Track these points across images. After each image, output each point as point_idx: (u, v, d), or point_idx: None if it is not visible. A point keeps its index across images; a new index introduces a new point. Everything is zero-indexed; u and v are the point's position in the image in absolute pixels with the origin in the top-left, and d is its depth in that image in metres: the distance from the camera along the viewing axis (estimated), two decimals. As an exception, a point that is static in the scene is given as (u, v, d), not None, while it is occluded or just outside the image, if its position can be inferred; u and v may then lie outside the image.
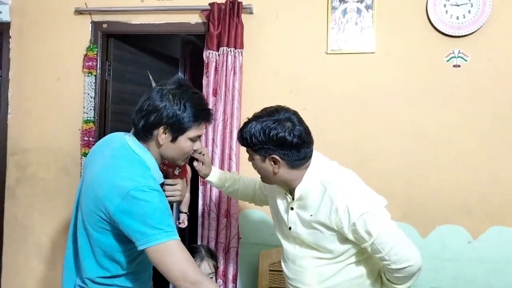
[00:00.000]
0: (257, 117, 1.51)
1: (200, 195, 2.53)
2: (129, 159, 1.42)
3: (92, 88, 2.69)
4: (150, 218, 1.30)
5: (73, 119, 2.72)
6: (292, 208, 1.59)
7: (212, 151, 2.50)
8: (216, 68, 2.52)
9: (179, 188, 1.66)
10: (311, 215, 1.53)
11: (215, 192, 2.51)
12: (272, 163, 1.52)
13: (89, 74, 2.68)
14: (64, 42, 2.76)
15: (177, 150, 1.46)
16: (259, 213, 2.48)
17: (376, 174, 2.32)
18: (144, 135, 1.43)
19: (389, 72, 2.40)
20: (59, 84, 2.76)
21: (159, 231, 1.30)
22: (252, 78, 2.54)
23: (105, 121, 2.75)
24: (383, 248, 1.46)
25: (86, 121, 2.69)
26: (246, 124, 1.52)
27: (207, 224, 2.53)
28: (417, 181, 2.38)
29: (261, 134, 1.47)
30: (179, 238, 1.33)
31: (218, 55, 2.51)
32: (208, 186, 2.52)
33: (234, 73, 2.48)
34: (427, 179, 2.37)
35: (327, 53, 2.45)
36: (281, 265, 1.74)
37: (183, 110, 1.40)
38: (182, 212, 1.86)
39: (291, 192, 1.58)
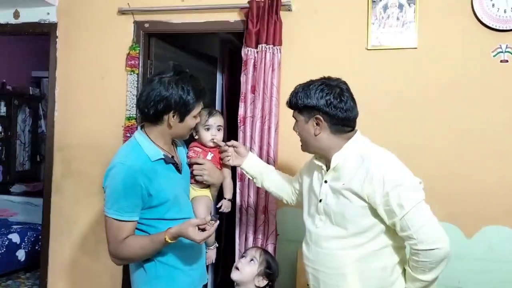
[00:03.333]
0: (308, 81, 1.59)
1: (238, 191, 2.53)
2: (126, 143, 1.65)
3: (135, 86, 2.72)
4: (107, 191, 1.51)
5: (116, 116, 2.75)
6: (326, 182, 1.59)
7: (251, 147, 2.49)
8: (254, 65, 2.52)
9: (206, 168, 1.76)
10: (343, 184, 1.52)
11: (253, 188, 2.50)
12: (315, 124, 1.55)
13: (132, 73, 2.72)
14: (108, 41, 2.82)
15: (185, 128, 1.63)
16: (297, 210, 2.36)
17: (419, 172, 2.19)
18: (155, 120, 1.58)
19: (432, 68, 2.33)
20: (103, 82, 2.80)
21: (106, 204, 1.51)
22: (291, 75, 2.51)
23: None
24: (413, 225, 1.43)
25: (129, 118, 2.73)
26: (296, 87, 1.59)
27: (245, 220, 2.53)
28: (462, 180, 2.29)
29: (309, 94, 1.53)
30: (121, 218, 1.50)
31: (257, 52, 2.50)
32: (246, 181, 2.51)
33: (273, 70, 2.46)
34: (472, 177, 2.28)
35: (368, 49, 2.40)
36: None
37: (187, 93, 1.54)
38: (224, 198, 1.90)
39: (327, 165, 1.60)
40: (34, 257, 3.99)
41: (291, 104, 1.61)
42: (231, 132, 1.97)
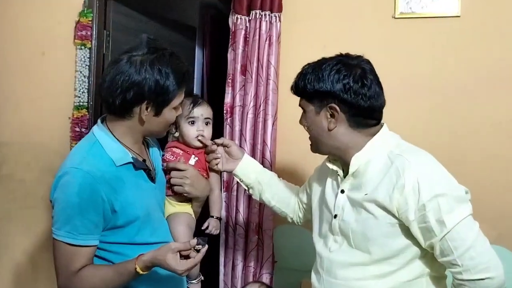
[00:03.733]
0: (319, 60, 1.58)
1: (224, 204, 2.51)
2: (82, 141, 1.65)
3: (86, 65, 2.68)
4: (57, 206, 1.52)
5: (61, 104, 2.71)
6: (342, 191, 1.60)
7: (240, 146, 2.48)
8: (245, 37, 2.50)
9: (188, 176, 1.76)
10: (366, 194, 1.52)
11: (243, 200, 2.49)
12: (329, 115, 1.55)
13: (82, 47, 2.68)
14: (50, 5, 2.76)
15: (162, 124, 1.62)
16: (300, 229, 2.40)
17: (459, 182, 2.19)
18: (122, 113, 1.57)
19: (479, 43, 2.30)
20: (43, 60, 2.76)
21: (55, 224, 1.51)
22: (294, 51, 2.49)
23: (101, 107, 2.70)
24: (456, 248, 1.41)
25: (78, 107, 2.68)
26: (303, 67, 1.59)
27: (232, 243, 2.52)
28: None
29: (321, 76, 1.52)
30: (74, 242, 1.49)
31: (249, 20, 2.49)
32: (234, 191, 2.50)
33: (270, 45, 2.44)
34: None
35: (395, 18, 2.39)
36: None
37: (166, 78, 1.53)
38: (211, 217, 1.90)
39: (344, 169, 1.61)
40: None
41: (298, 89, 1.60)
42: (215, 126, 1.95)
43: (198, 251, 1.52)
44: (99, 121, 1.65)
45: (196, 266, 1.57)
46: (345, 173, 1.61)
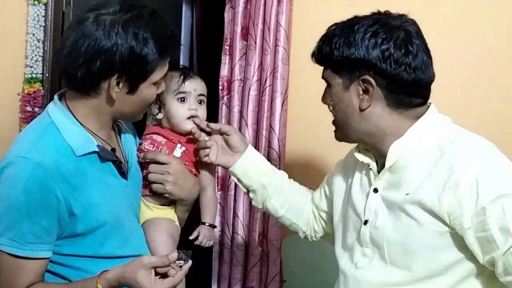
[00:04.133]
0: (350, 19, 1.57)
1: (218, 206, 2.47)
2: (33, 122, 1.65)
3: (41, 25, 2.68)
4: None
5: (8, 76, 2.71)
6: (375, 190, 1.60)
7: (240, 131, 2.41)
8: None
9: (171, 171, 1.76)
10: (407, 194, 1.52)
11: (242, 201, 2.50)
12: (361, 91, 1.54)
13: (36, 2, 2.68)
14: None
15: (138, 104, 1.62)
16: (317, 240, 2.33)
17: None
18: (85, 89, 1.56)
19: None
20: None
21: None
22: (309, 10, 2.48)
23: (60, 80, 2.69)
24: None
25: (30, 80, 2.68)
26: (329, 28, 1.58)
27: (228, 257, 2.54)
28: None
29: (352, 40, 1.51)
30: (19, 252, 1.49)
31: None
32: (232, 191, 2.52)
33: (279, 1, 2.44)
34: None
35: None
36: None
37: (143, 45, 1.52)
38: (203, 223, 1.90)
39: (379, 161, 1.62)
40: None
41: (322, 56, 1.58)
42: (206, 104, 1.94)
43: (180, 267, 1.53)
44: (56, 97, 1.64)
45: (177, 287, 1.58)
46: (380, 167, 1.61)
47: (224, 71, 2.54)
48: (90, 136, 1.60)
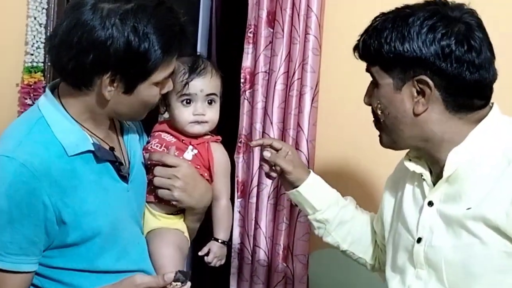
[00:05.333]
0: (398, 10, 1.53)
1: (237, 214, 2.45)
2: (21, 117, 1.67)
3: (43, 8, 2.63)
4: None
5: (6, 65, 2.68)
6: (430, 204, 1.56)
7: (263, 131, 2.44)
8: None
9: (180, 176, 1.72)
10: (469, 208, 1.47)
11: (265, 210, 2.42)
12: (416, 92, 1.50)
13: None
14: None
15: (135, 105, 1.58)
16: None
17: None
18: (76, 84, 1.53)
19: None
20: None
21: None
22: None
23: None
24: None
25: (30, 70, 2.63)
26: (375, 19, 1.54)
27: (248, 273, 2.47)
28: None
29: (407, 35, 1.47)
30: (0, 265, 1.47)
31: None
32: (253, 199, 2.44)
33: None
34: None
35: None
36: None
37: (142, 41, 1.48)
38: (215, 239, 1.86)
39: (433, 171, 1.59)
40: None
41: (368, 52, 1.54)
42: (226, 99, 1.89)
43: None
44: (47, 89, 1.61)
45: None
46: (435, 177, 1.58)
47: (246, 62, 2.48)
48: (84, 134, 1.57)
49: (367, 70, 1.59)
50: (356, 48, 1.58)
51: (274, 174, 1.80)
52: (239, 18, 2.62)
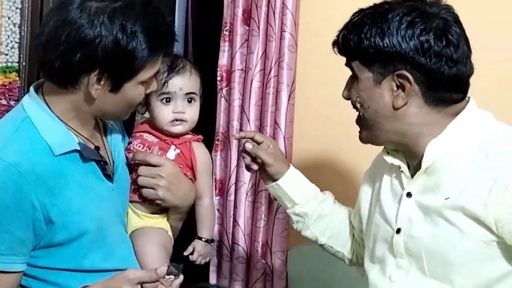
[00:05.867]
0: (377, 6, 1.56)
1: (216, 213, 2.43)
2: (6, 117, 1.65)
3: (17, 8, 2.60)
4: None
5: None
6: (409, 195, 1.59)
7: (240, 128, 2.47)
8: None
9: (164, 175, 1.75)
10: (447, 198, 1.51)
11: (244, 207, 2.45)
12: (396, 87, 1.52)
13: None
14: None
15: (121, 104, 1.61)
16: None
17: None
18: (63, 82, 1.54)
19: None
20: None
21: None
22: None
23: (38, 70, 2.58)
24: None
25: (5, 70, 2.60)
26: (355, 15, 1.56)
27: (227, 270, 2.50)
28: None
29: (386, 30, 1.49)
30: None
31: None
32: (231, 196, 2.48)
33: None
34: None
35: None
36: None
37: (131, 39, 1.50)
38: (199, 238, 1.89)
39: (411, 164, 1.62)
40: None
41: (348, 47, 1.57)
42: (202, 97, 1.91)
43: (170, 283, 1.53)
44: (31, 89, 1.63)
45: None
46: (412, 169, 1.61)
47: (223, 60, 2.50)
48: (70, 133, 1.58)
49: (347, 64, 1.61)
50: (335, 43, 1.60)
51: (255, 167, 1.81)
52: (214, 16, 2.63)
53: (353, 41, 1.54)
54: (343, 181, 2.40)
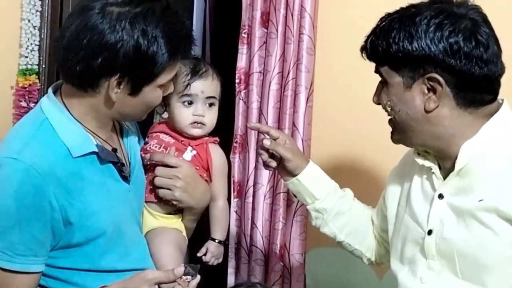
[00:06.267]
0: (403, 10, 1.55)
1: (233, 214, 2.49)
2: (25, 119, 1.67)
3: (37, 10, 2.64)
4: None
5: (1, 68, 2.68)
6: (441, 196, 1.59)
7: (259, 132, 2.42)
8: None
9: (181, 176, 1.77)
10: (481, 200, 1.50)
11: (261, 209, 2.46)
12: (427, 90, 1.52)
13: None
14: None
15: (140, 106, 1.63)
16: (346, 253, 2.26)
17: None
18: (83, 85, 1.56)
19: None
20: None
21: None
22: None
23: (58, 72, 2.60)
24: None
25: (25, 72, 2.64)
26: (381, 20, 1.55)
27: (246, 272, 2.50)
28: None
29: (415, 34, 1.48)
30: (8, 266, 1.48)
31: None
32: (249, 198, 2.49)
33: None
34: None
35: None
36: None
37: (151, 44, 1.51)
38: (212, 239, 1.91)
39: (442, 165, 1.61)
40: None
41: (377, 52, 1.56)
42: (223, 103, 1.93)
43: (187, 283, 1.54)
44: (50, 91, 1.64)
45: None
46: (444, 171, 1.61)
47: (241, 62, 2.51)
48: (88, 135, 1.60)
49: (376, 70, 1.61)
50: (363, 49, 1.59)
51: (273, 163, 1.80)
52: (233, 19, 2.65)
53: (382, 46, 1.53)
54: (361, 182, 2.39)
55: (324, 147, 2.47)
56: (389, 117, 1.61)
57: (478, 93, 1.52)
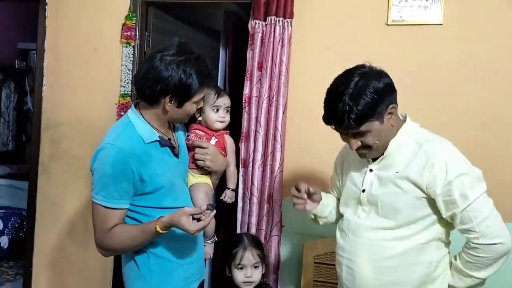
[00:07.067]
0: (341, 84, 1.45)
1: (241, 178, 2.52)
2: (118, 121, 1.67)
3: (130, 60, 2.71)
4: (95, 175, 1.53)
5: (110, 92, 2.73)
6: (371, 170, 1.58)
7: (256, 130, 2.50)
8: (262, 39, 2.49)
9: (209, 153, 1.77)
10: (397, 172, 1.51)
11: (257, 174, 2.50)
12: (389, 115, 1.48)
13: (127, 45, 2.70)
14: (102, 10, 2.79)
15: (183, 114, 1.61)
16: None
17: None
18: (151, 102, 1.57)
19: (458, 47, 2.30)
20: (96, 55, 2.78)
21: (93, 189, 1.52)
22: (301, 52, 2.49)
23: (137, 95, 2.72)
24: (475, 217, 1.43)
25: (123, 95, 2.70)
26: (337, 101, 1.43)
27: (247, 209, 2.53)
28: (488, 175, 2.16)
29: (372, 93, 1.43)
30: (108, 205, 1.52)
31: (265, 25, 2.48)
32: (250, 168, 2.52)
33: (282, 46, 2.43)
34: (499, 172, 2.18)
35: (388, 25, 2.38)
36: (327, 257, 1.81)
37: (188, 77, 1.52)
38: (228, 188, 1.92)
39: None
40: (18, 245, 4.01)
41: (349, 125, 1.45)
42: (234, 113, 1.98)
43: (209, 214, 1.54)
44: (132, 105, 1.67)
45: (209, 228, 1.61)
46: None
47: (246, 91, 2.54)
48: (153, 130, 1.62)
49: (352, 136, 1.48)
50: (341, 126, 1.47)
51: (301, 207, 1.73)
52: (241, 66, 2.65)
53: (360, 117, 1.43)
54: (322, 168, 2.40)
55: (294, 140, 2.51)
56: (362, 149, 1.52)
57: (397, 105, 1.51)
